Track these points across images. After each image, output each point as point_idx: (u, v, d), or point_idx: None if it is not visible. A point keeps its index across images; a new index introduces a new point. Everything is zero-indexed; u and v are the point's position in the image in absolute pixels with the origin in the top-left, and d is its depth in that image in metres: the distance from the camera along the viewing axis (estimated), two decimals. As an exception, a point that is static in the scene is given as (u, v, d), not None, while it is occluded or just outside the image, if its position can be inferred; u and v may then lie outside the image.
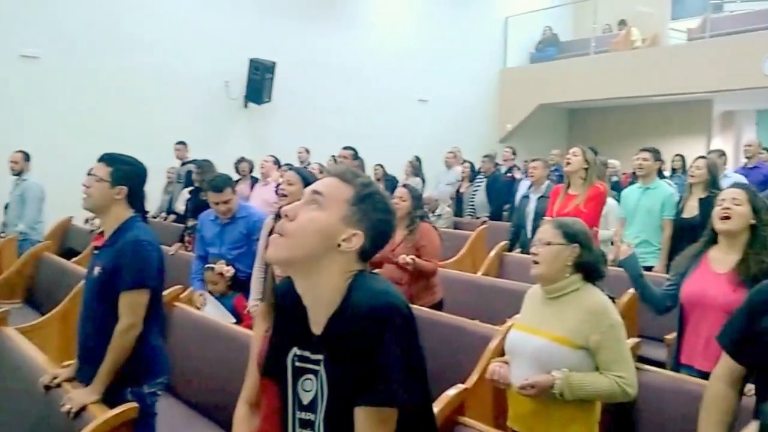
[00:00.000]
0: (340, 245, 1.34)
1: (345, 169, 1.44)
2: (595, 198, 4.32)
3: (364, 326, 1.27)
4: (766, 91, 10.62)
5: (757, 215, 2.57)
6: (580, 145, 4.52)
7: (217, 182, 4.22)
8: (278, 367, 1.43)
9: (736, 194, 2.60)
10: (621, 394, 2.20)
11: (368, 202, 1.38)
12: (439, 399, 2.37)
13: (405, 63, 11.72)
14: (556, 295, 2.32)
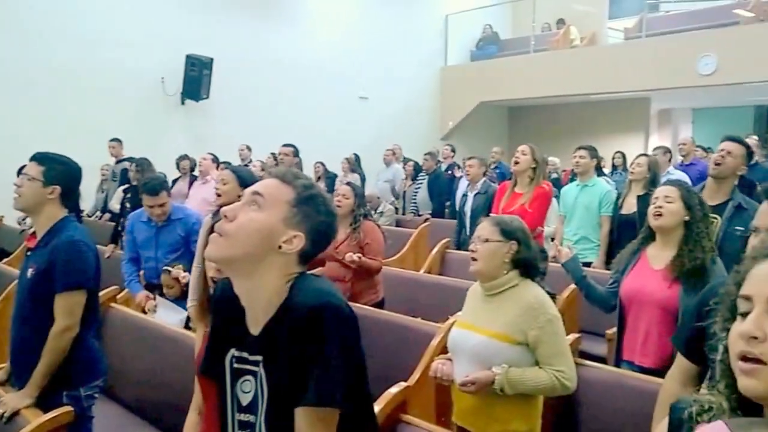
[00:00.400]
0: (280, 247, 1.33)
1: (286, 171, 1.43)
2: (540, 198, 4.34)
3: (304, 327, 1.26)
4: (701, 90, 11.00)
5: (690, 212, 2.60)
6: (529, 144, 4.51)
7: (152, 185, 4.09)
8: (217, 368, 1.42)
9: (668, 192, 2.64)
10: (561, 387, 2.25)
11: (309, 204, 1.38)
12: (382, 397, 2.36)
13: (346, 60, 11.63)
14: (495, 291, 2.35)
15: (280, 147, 6.16)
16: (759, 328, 0.84)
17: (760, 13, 10.74)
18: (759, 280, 0.88)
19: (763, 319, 0.85)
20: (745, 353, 0.84)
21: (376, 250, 4.01)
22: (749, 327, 0.85)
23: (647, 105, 13.14)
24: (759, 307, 0.86)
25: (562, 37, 12.77)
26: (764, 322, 0.85)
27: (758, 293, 0.87)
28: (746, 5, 11.30)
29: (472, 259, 2.36)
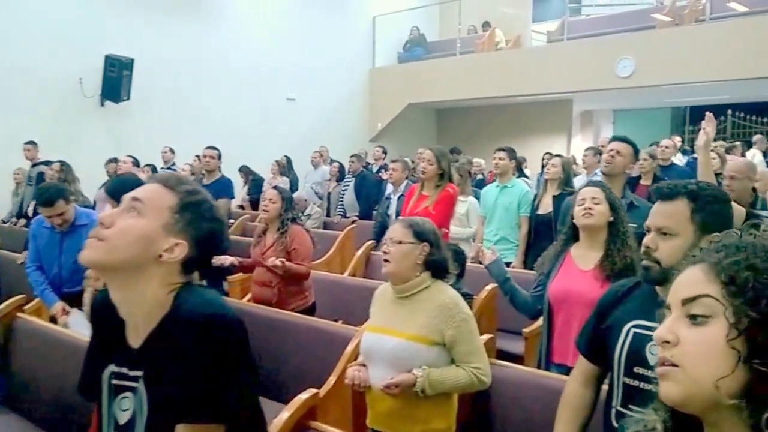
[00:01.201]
0: (161, 255, 1.27)
1: (169, 176, 1.37)
2: (444, 200, 4.35)
3: (190, 340, 1.21)
4: (621, 92, 11.37)
5: (614, 212, 2.66)
6: (434, 150, 4.45)
7: (47, 196, 3.81)
8: (96, 385, 1.35)
9: (594, 193, 2.68)
10: (478, 383, 2.31)
11: (193, 210, 1.32)
12: (291, 404, 2.33)
13: (272, 61, 11.48)
14: (408, 293, 2.36)
15: (204, 149, 6.02)
16: (671, 331, 0.84)
17: (675, 17, 11.21)
18: (675, 287, 0.89)
19: (677, 324, 0.85)
20: (661, 359, 0.85)
21: (304, 255, 3.96)
22: (661, 332, 0.85)
23: (570, 106, 13.50)
24: (674, 312, 0.87)
25: (488, 39, 12.98)
26: (677, 326, 0.85)
27: (674, 299, 0.87)
28: (663, 9, 11.78)
29: (385, 261, 2.36)
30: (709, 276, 0.83)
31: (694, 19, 10.75)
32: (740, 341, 0.78)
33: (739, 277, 0.80)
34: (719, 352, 0.79)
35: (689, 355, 0.81)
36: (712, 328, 0.81)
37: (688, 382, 0.81)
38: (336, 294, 4.55)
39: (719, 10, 10.64)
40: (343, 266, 6.05)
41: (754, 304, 0.78)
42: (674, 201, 1.76)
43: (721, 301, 0.81)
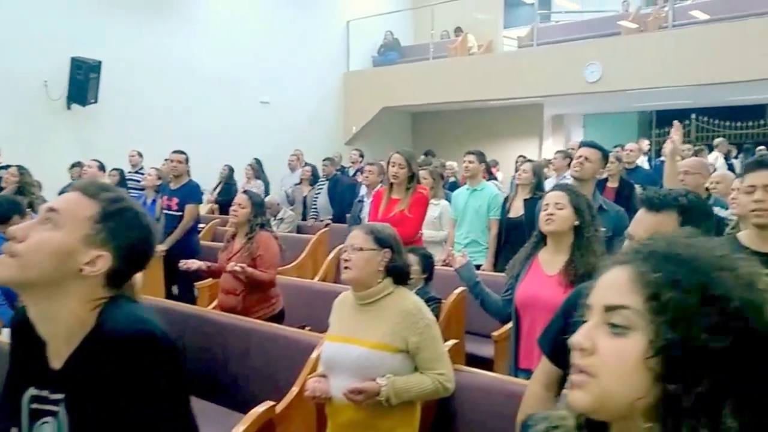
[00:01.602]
0: (82, 269, 1.19)
1: (89, 183, 1.29)
2: (418, 202, 4.36)
3: (115, 359, 1.14)
4: (590, 97, 11.53)
5: (579, 216, 2.63)
6: (403, 153, 4.43)
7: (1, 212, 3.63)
8: (15, 409, 1.25)
9: (558, 197, 2.66)
10: (443, 390, 2.29)
11: (117, 219, 1.24)
12: (246, 417, 2.30)
13: (245, 64, 11.38)
14: (370, 300, 2.33)
15: (170, 153, 5.96)
16: (588, 339, 0.81)
17: (640, 24, 11.42)
18: (598, 288, 0.85)
19: (596, 330, 0.81)
20: (577, 366, 0.81)
21: (269, 262, 3.92)
22: (578, 338, 0.82)
23: (541, 111, 13.64)
24: (595, 317, 0.83)
25: (460, 44, 13.06)
26: (596, 333, 0.81)
27: (596, 302, 0.84)
28: (628, 16, 11.99)
29: (345, 268, 2.33)
30: (634, 285, 0.79)
31: (658, 26, 10.97)
32: (657, 360, 0.75)
33: (662, 294, 0.76)
34: (635, 368, 0.76)
35: (605, 367, 0.78)
36: (630, 341, 0.77)
37: (600, 395, 0.78)
38: (305, 299, 4.49)
39: (682, 18, 10.88)
40: (315, 270, 6.04)
41: (674, 325, 0.75)
42: (662, 213, 1.73)
43: (642, 315, 0.77)
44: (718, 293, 0.75)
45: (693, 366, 0.74)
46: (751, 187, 2.20)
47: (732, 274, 0.77)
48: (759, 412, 0.74)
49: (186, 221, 5.79)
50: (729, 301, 0.75)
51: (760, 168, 2.22)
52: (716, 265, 0.78)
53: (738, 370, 0.73)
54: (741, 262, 0.80)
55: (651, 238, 0.86)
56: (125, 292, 1.29)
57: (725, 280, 0.76)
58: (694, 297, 0.75)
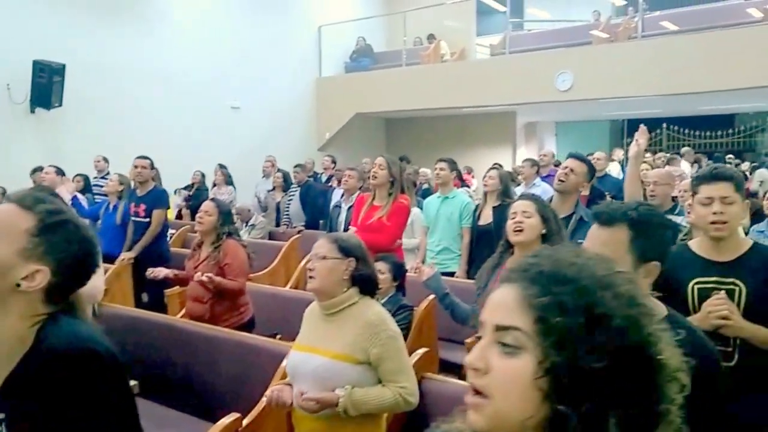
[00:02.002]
0: (19, 285, 1.15)
1: (26, 194, 1.25)
2: (398, 211, 4.35)
3: (56, 378, 1.11)
4: (562, 105, 11.65)
5: (546, 225, 2.65)
6: (386, 157, 4.49)
7: None
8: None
9: (526, 206, 2.68)
10: (404, 404, 2.24)
11: (56, 233, 1.21)
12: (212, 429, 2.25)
13: (215, 68, 11.24)
14: (334, 310, 2.30)
15: (135, 159, 5.85)
16: (482, 358, 0.81)
17: (611, 34, 11.58)
18: (489, 306, 0.85)
19: (489, 350, 0.82)
20: (471, 386, 0.82)
21: (237, 271, 3.86)
22: (471, 358, 0.82)
23: (514, 118, 13.76)
24: (487, 336, 0.83)
25: (433, 51, 13.13)
26: (489, 353, 0.82)
27: (488, 320, 0.84)
28: (599, 26, 12.15)
29: (310, 277, 2.31)
30: (522, 306, 0.80)
31: (628, 36, 11.14)
32: (546, 380, 0.77)
33: (548, 317, 0.78)
34: (526, 387, 0.78)
35: (498, 388, 0.79)
36: (521, 361, 0.79)
37: (495, 415, 0.79)
38: (276, 307, 4.45)
39: (651, 29, 11.06)
40: (288, 277, 5.98)
41: (560, 347, 0.77)
42: (614, 228, 1.71)
43: (530, 337, 0.79)
44: (601, 312, 0.78)
45: (578, 386, 0.76)
46: (708, 198, 2.21)
47: (613, 293, 0.80)
48: (640, 425, 0.78)
49: (154, 227, 5.70)
50: (612, 319, 0.78)
51: (717, 180, 2.22)
52: (599, 284, 0.81)
53: (620, 386, 0.77)
54: (621, 280, 0.83)
55: (537, 254, 0.87)
56: (71, 307, 1.25)
57: (608, 299, 0.79)
58: (579, 318, 0.77)
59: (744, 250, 2.22)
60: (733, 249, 2.22)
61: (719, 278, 2.19)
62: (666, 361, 0.80)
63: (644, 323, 0.80)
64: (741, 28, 9.83)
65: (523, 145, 14.55)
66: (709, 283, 2.19)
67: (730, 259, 2.21)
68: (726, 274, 2.18)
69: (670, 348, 0.82)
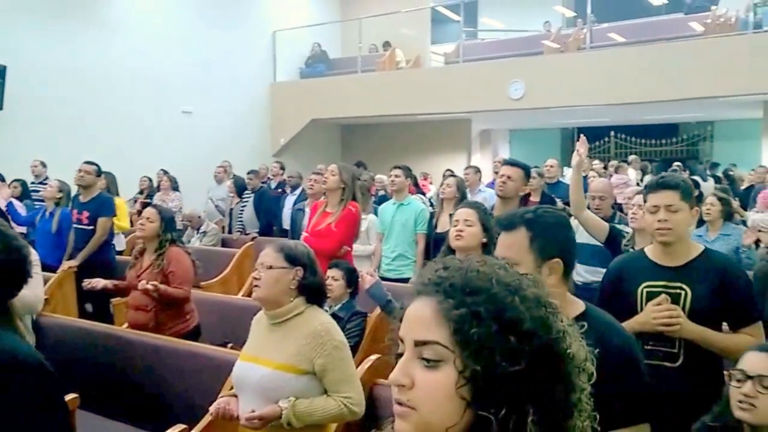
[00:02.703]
0: None
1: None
2: (346, 218, 4.36)
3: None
4: (515, 113, 11.84)
5: (487, 234, 2.69)
6: (338, 164, 4.54)
7: None
8: None
9: (468, 215, 2.73)
10: (349, 414, 2.23)
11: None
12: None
13: (166, 72, 11.02)
14: (280, 320, 2.28)
15: (82, 164, 5.69)
16: (406, 375, 0.84)
17: (562, 44, 11.84)
18: (407, 322, 0.87)
19: (411, 365, 0.84)
20: (397, 400, 0.84)
21: (182, 279, 3.78)
22: (395, 376, 0.84)
23: (469, 126, 13.91)
24: (408, 352, 0.85)
25: (389, 58, 13.19)
26: (412, 368, 0.84)
27: (406, 336, 0.86)
28: (549, 36, 12.41)
29: (255, 286, 2.28)
30: (439, 318, 0.83)
31: (578, 47, 11.40)
32: (467, 389, 0.80)
33: (464, 329, 0.81)
34: (449, 397, 0.81)
35: (423, 400, 0.82)
36: (442, 373, 0.82)
37: (421, 424, 0.82)
38: (228, 316, 4.38)
39: (600, 40, 11.37)
40: (241, 285, 5.92)
41: (478, 356, 0.80)
42: (514, 231, 1.80)
43: (450, 349, 0.82)
44: (511, 317, 0.82)
45: (497, 389, 0.80)
46: (654, 207, 2.30)
47: (521, 296, 0.85)
48: (556, 417, 0.83)
49: (99, 235, 5.52)
50: (522, 323, 0.82)
51: (662, 189, 2.31)
52: (507, 289, 0.85)
53: (535, 384, 0.81)
54: (527, 283, 0.88)
55: (446, 266, 0.90)
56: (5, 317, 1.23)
57: (517, 303, 0.84)
58: (493, 326, 0.81)
59: (694, 256, 2.31)
60: (683, 255, 2.31)
61: (667, 282, 2.27)
62: (574, 353, 0.85)
63: (551, 322, 0.85)
64: (684, 41, 10.17)
65: (478, 151, 14.73)
66: (657, 286, 2.28)
67: (679, 265, 2.30)
68: (673, 279, 2.27)
69: (576, 341, 0.87)
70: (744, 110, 11.67)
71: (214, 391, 2.84)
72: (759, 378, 1.76)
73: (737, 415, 1.79)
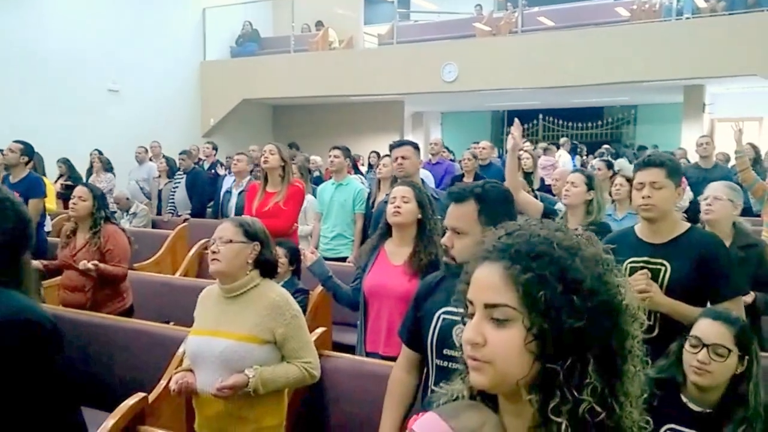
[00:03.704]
0: None
1: None
2: (294, 196, 4.40)
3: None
4: (447, 96, 11.99)
5: (422, 210, 2.80)
6: (275, 143, 4.54)
7: None
8: None
9: (405, 192, 2.81)
10: (309, 377, 2.36)
11: None
12: (117, 410, 2.27)
13: (91, 48, 10.59)
14: (237, 293, 2.35)
15: (10, 143, 5.46)
16: (479, 334, 0.91)
17: (493, 27, 12.04)
18: (476, 286, 0.95)
19: (482, 325, 0.92)
20: (471, 356, 0.92)
21: (119, 256, 3.76)
22: (470, 335, 0.92)
23: (401, 108, 14.00)
24: (478, 313, 0.93)
25: (321, 38, 13.10)
26: (483, 327, 0.92)
27: (476, 299, 0.94)
28: (482, 19, 12.60)
29: (213, 260, 2.33)
30: (507, 283, 0.91)
31: (509, 30, 11.63)
32: (535, 344, 0.89)
33: (532, 292, 0.89)
34: (519, 352, 0.89)
35: (497, 355, 0.90)
36: (512, 331, 0.90)
37: (496, 376, 0.91)
38: (165, 295, 4.37)
39: (530, 24, 11.63)
40: (175, 267, 5.82)
41: (546, 315, 0.89)
42: (464, 203, 1.95)
43: (518, 310, 0.90)
44: (573, 277, 0.90)
45: (562, 344, 0.89)
46: (640, 184, 2.44)
47: (580, 257, 0.93)
48: (614, 364, 0.92)
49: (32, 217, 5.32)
50: (582, 282, 0.90)
51: (648, 166, 2.44)
52: (568, 252, 0.93)
53: (595, 336, 0.90)
54: (584, 244, 0.96)
55: (509, 232, 0.98)
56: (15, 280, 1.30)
57: (577, 265, 0.91)
58: (558, 287, 0.89)
59: (678, 233, 2.45)
60: (668, 232, 2.45)
61: (649, 258, 2.42)
62: (628, 304, 0.94)
63: (608, 278, 0.93)
64: (610, 27, 10.55)
65: (411, 133, 14.83)
66: (639, 262, 2.42)
67: (663, 242, 2.44)
68: (655, 255, 2.42)
69: (629, 292, 0.95)
70: (665, 95, 12.19)
71: (161, 367, 2.89)
72: (713, 346, 1.90)
73: (692, 379, 1.93)
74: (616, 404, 0.91)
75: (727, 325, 1.92)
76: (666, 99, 12.88)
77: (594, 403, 0.88)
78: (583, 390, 0.89)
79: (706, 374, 1.90)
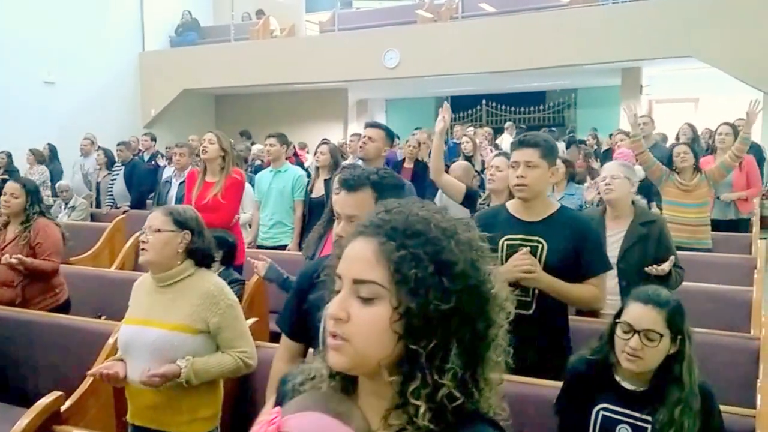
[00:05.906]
0: None
1: None
2: (233, 186, 4.31)
3: None
4: (390, 82, 12.01)
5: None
6: (215, 132, 4.45)
7: None
8: None
9: None
10: (245, 367, 2.34)
11: None
12: (31, 409, 2.22)
13: (24, 40, 10.28)
14: (170, 282, 2.32)
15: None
16: (343, 309, 0.89)
17: (435, 14, 12.10)
18: (347, 260, 0.92)
19: (348, 301, 0.90)
20: (332, 333, 0.90)
21: (50, 250, 3.68)
22: (334, 310, 0.89)
23: (345, 95, 13.97)
24: (346, 288, 0.91)
25: (262, 27, 12.95)
26: (349, 303, 0.89)
27: (346, 275, 0.91)
28: (423, 6, 12.64)
29: (142, 250, 2.30)
30: (378, 258, 0.89)
31: (450, 16, 11.70)
32: (400, 324, 0.87)
33: (404, 269, 0.87)
34: (383, 331, 0.87)
35: (358, 334, 0.88)
36: (378, 308, 0.88)
37: (355, 356, 0.89)
38: (100, 289, 4.28)
39: (471, 9, 11.72)
40: (113, 259, 5.72)
41: (414, 294, 0.87)
42: (360, 191, 1.91)
43: (386, 288, 0.88)
44: (446, 259, 0.89)
45: (427, 326, 0.87)
46: (515, 163, 2.49)
47: (456, 240, 0.91)
48: (476, 351, 0.91)
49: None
50: (455, 265, 0.89)
51: (522, 146, 2.50)
52: (444, 234, 0.91)
53: (461, 320, 0.89)
54: (461, 228, 0.94)
55: (388, 210, 0.95)
56: None
57: (451, 247, 0.90)
58: (430, 267, 0.88)
59: (550, 212, 2.51)
60: (541, 210, 2.50)
61: (525, 236, 2.46)
62: (497, 293, 0.93)
63: (481, 264, 0.92)
64: (549, 11, 10.71)
65: (355, 121, 14.82)
66: (516, 239, 2.46)
67: (537, 220, 2.49)
68: (531, 233, 2.46)
69: (499, 282, 0.95)
70: (604, 78, 12.43)
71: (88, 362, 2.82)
72: (645, 332, 1.88)
73: (625, 365, 1.92)
74: (476, 390, 0.91)
75: (657, 309, 1.89)
76: (605, 82, 13.13)
77: (453, 388, 0.88)
78: (444, 375, 0.88)
79: (639, 360, 1.88)
